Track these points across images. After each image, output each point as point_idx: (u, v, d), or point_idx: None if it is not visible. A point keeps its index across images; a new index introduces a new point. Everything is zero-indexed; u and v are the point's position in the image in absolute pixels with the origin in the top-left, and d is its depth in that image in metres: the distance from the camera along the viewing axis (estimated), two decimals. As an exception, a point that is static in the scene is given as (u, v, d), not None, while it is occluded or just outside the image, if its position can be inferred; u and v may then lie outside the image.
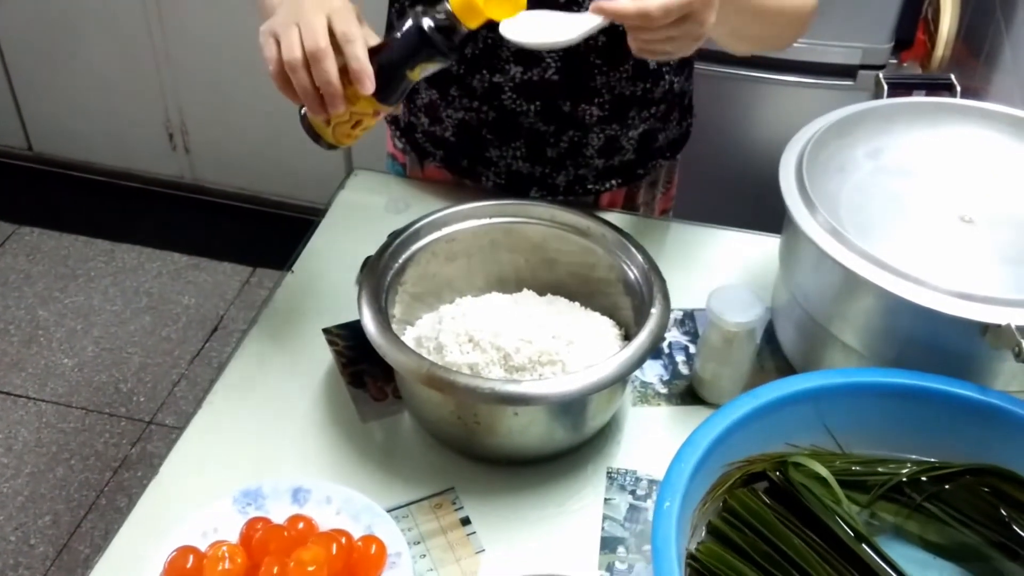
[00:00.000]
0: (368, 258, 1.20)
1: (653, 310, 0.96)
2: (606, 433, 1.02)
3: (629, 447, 1.02)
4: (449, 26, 0.90)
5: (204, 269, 2.67)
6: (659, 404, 1.06)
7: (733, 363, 1.02)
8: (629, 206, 1.34)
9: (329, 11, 0.89)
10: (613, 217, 1.29)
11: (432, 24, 0.90)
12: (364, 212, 1.30)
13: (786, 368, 1.09)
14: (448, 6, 0.90)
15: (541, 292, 1.11)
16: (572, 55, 1.15)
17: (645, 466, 1.00)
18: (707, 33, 0.91)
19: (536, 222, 1.09)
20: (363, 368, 1.08)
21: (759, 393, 0.88)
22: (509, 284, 1.12)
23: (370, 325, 0.95)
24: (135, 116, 2.68)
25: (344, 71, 0.89)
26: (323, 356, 1.11)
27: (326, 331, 1.14)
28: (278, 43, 0.89)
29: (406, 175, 1.36)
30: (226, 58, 2.47)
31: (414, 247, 1.05)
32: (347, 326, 1.14)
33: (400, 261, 1.04)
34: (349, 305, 1.15)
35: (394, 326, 1.03)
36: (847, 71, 1.82)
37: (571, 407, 0.93)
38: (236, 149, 2.65)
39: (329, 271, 1.22)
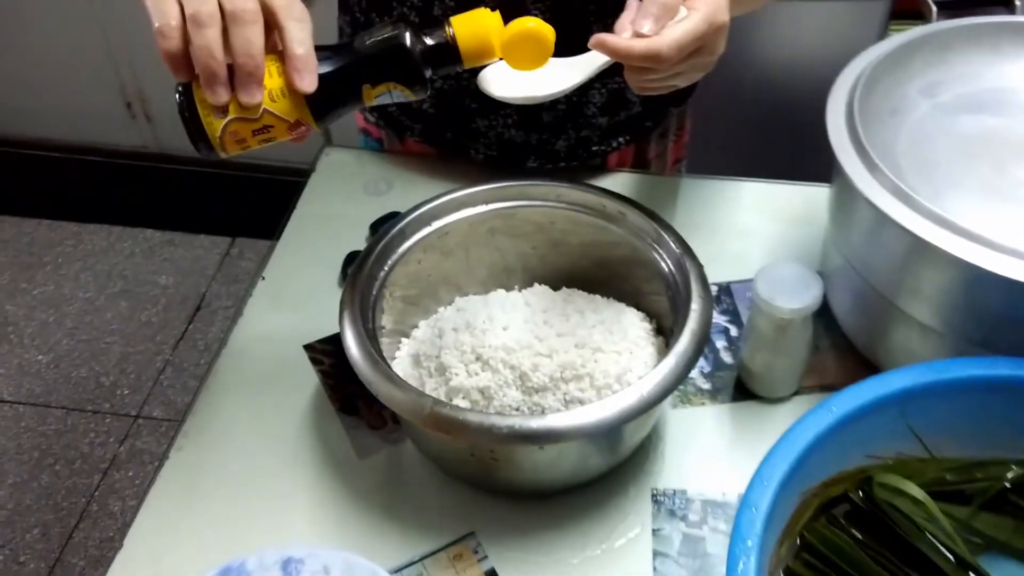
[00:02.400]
0: (351, 255, 1.05)
1: (693, 306, 0.80)
2: (646, 447, 0.88)
3: (674, 461, 0.87)
4: (441, 56, 0.72)
5: (180, 244, 2.50)
6: (703, 403, 0.92)
7: (787, 352, 0.87)
8: (640, 162, 1.18)
9: None
10: (624, 178, 1.13)
11: (425, 45, 0.72)
12: (340, 198, 1.14)
13: (844, 345, 0.94)
14: (450, 31, 0.72)
15: (553, 282, 0.95)
16: (562, 3, 0.98)
17: (696, 483, 0.85)
18: (716, 61, 0.77)
19: (540, 204, 0.93)
20: (355, 390, 0.93)
21: (834, 403, 0.73)
22: (515, 274, 0.97)
23: (356, 354, 0.79)
24: (87, 86, 2.48)
25: (270, 55, 0.69)
26: (307, 378, 0.96)
27: (308, 348, 0.98)
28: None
29: (384, 150, 1.20)
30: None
31: (401, 248, 0.89)
32: (333, 340, 0.98)
33: (387, 267, 0.88)
34: (333, 312, 0.99)
35: (385, 340, 0.88)
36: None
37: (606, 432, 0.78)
38: (200, 112, 2.46)
39: (306, 271, 1.06)
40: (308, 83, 0.68)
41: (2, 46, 2.46)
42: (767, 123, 1.71)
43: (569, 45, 1.02)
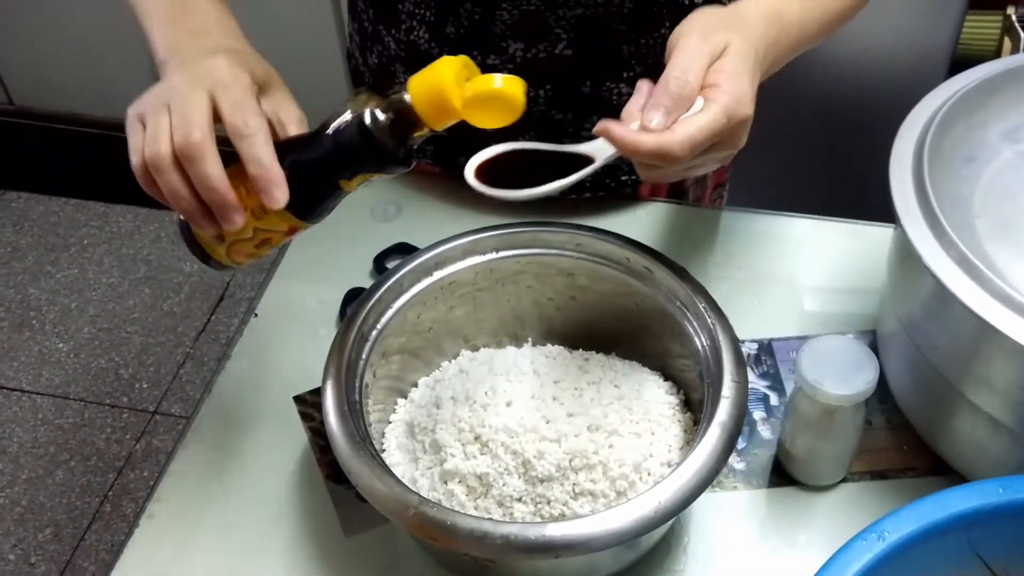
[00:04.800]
0: (351, 292, 0.95)
1: (725, 393, 0.69)
2: (668, 539, 0.77)
3: (700, 558, 0.77)
4: (405, 126, 0.64)
5: (207, 228, 2.41)
6: (735, 487, 0.81)
7: (834, 439, 0.76)
8: (677, 189, 1.06)
9: (211, 87, 0.63)
10: (656, 209, 1.02)
11: (381, 122, 0.64)
12: (344, 222, 1.01)
13: (900, 423, 0.82)
14: (406, 99, 0.64)
15: (571, 335, 0.85)
16: (589, 22, 0.86)
17: (722, 585, 0.75)
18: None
19: (557, 253, 0.82)
20: (346, 454, 0.83)
21: (887, 527, 0.61)
22: (529, 324, 0.86)
23: (337, 435, 0.69)
24: (119, 61, 2.40)
25: (243, 172, 0.64)
26: (296, 434, 0.86)
27: (298, 400, 0.89)
28: (145, 130, 0.65)
29: (395, 169, 1.09)
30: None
31: (398, 303, 0.79)
32: (325, 391, 0.88)
33: (380, 326, 0.78)
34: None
35: (378, 405, 0.79)
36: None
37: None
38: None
39: (303, 308, 0.96)
40: (276, 200, 0.63)
41: (32, 18, 2.39)
42: (825, 142, 1.57)
43: (597, 70, 0.91)
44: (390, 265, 0.93)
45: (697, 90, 0.64)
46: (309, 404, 0.88)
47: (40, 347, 2.18)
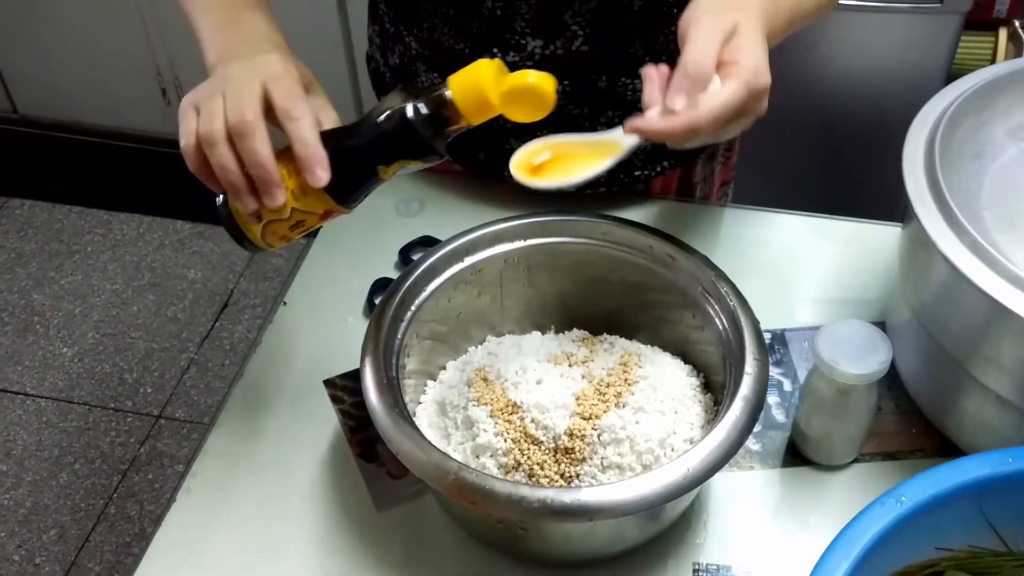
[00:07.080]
0: (378, 282, 0.98)
1: (747, 370, 0.73)
2: (688, 515, 0.80)
3: (719, 532, 0.80)
4: (444, 119, 0.70)
5: (210, 237, 2.44)
6: (751, 467, 0.84)
7: (848, 419, 0.79)
8: (684, 187, 1.10)
9: (265, 78, 0.70)
10: (667, 207, 1.06)
11: (424, 114, 0.69)
12: (369, 218, 1.06)
13: (909, 408, 0.86)
14: (447, 94, 0.69)
15: (593, 324, 0.88)
16: (603, 18, 0.91)
17: (742, 559, 0.78)
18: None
19: (583, 241, 0.85)
20: (376, 434, 0.86)
21: (904, 492, 0.65)
22: (553, 313, 0.90)
23: (377, 408, 0.73)
24: (123, 70, 2.43)
25: (286, 155, 0.70)
26: (326, 416, 0.89)
27: (328, 383, 0.92)
28: (199, 115, 0.70)
29: (417, 166, 1.13)
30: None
31: (431, 286, 0.82)
32: (355, 375, 0.91)
33: (414, 307, 0.81)
34: (357, 344, 0.93)
35: (411, 382, 0.82)
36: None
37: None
38: (236, 102, 2.40)
39: (330, 298, 0.99)
40: (318, 178, 0.68)
41: (38, 28, 2.42)
42: (826, 148, 1.62)
43: (612, 66, 0.95)
44: (415, 257, 0.97)
45: (713, 70, 0.70)
46: (339, 387, 0.91)
47: (44, 351, 2.20)
